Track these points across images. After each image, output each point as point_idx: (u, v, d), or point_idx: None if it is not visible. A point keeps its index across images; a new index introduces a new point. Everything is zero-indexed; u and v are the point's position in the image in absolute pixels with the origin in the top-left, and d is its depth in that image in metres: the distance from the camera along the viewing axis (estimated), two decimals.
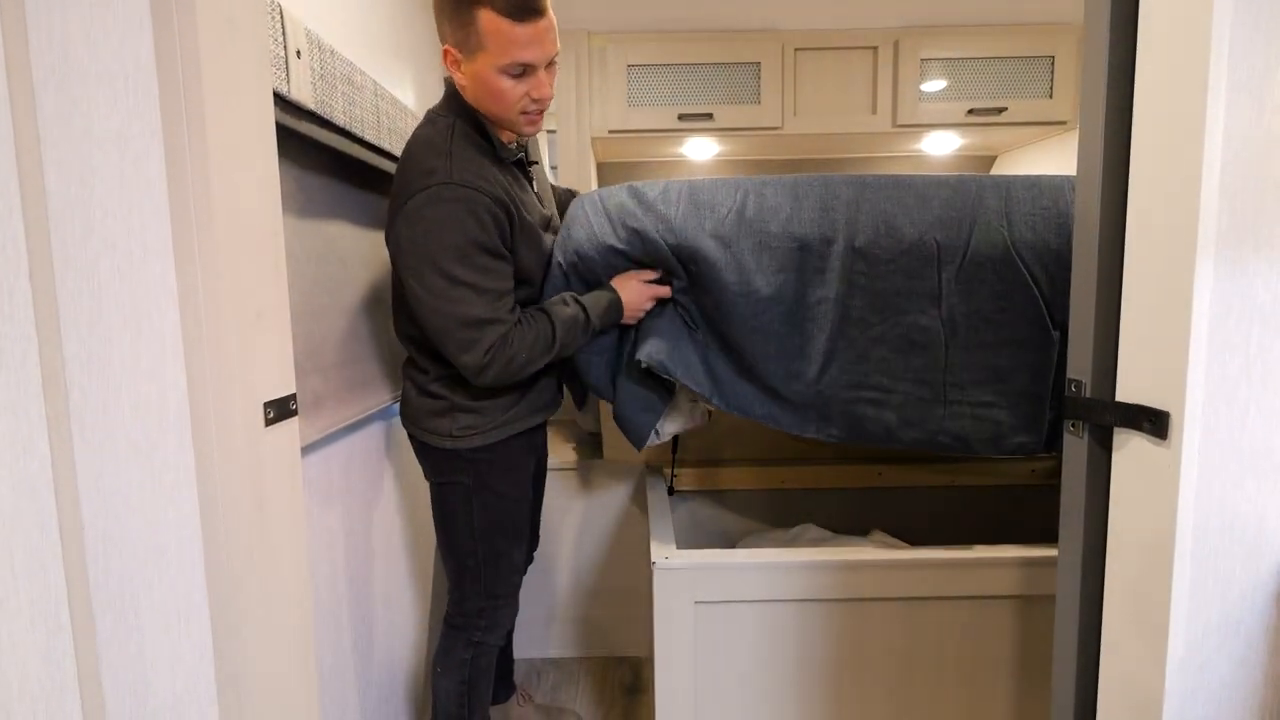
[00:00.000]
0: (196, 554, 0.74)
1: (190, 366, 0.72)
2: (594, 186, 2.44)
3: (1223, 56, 0.61)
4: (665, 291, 1.34)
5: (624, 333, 1.40)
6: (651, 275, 1.34)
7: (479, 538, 1.36)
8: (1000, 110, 2.21)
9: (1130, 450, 0.72)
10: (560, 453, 2.03)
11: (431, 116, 1.20)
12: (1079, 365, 0.79)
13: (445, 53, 1.14)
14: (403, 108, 1.49)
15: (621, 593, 2.07)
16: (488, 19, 1.05)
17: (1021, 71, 2.22)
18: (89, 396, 0.71)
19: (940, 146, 2.53)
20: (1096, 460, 0.78)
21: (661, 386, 1.45)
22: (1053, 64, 2.21)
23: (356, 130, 1.23)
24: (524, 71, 1.11)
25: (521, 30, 1.06)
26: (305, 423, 1.16)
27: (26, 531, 0.69)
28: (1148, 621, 0.69)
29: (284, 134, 1.02)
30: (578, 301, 1.26)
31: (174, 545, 0.73)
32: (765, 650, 1.38)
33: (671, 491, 1.84)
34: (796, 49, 2.20)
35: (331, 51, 1.14)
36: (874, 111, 2.24)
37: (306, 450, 1.16)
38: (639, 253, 1.32)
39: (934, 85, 2.22)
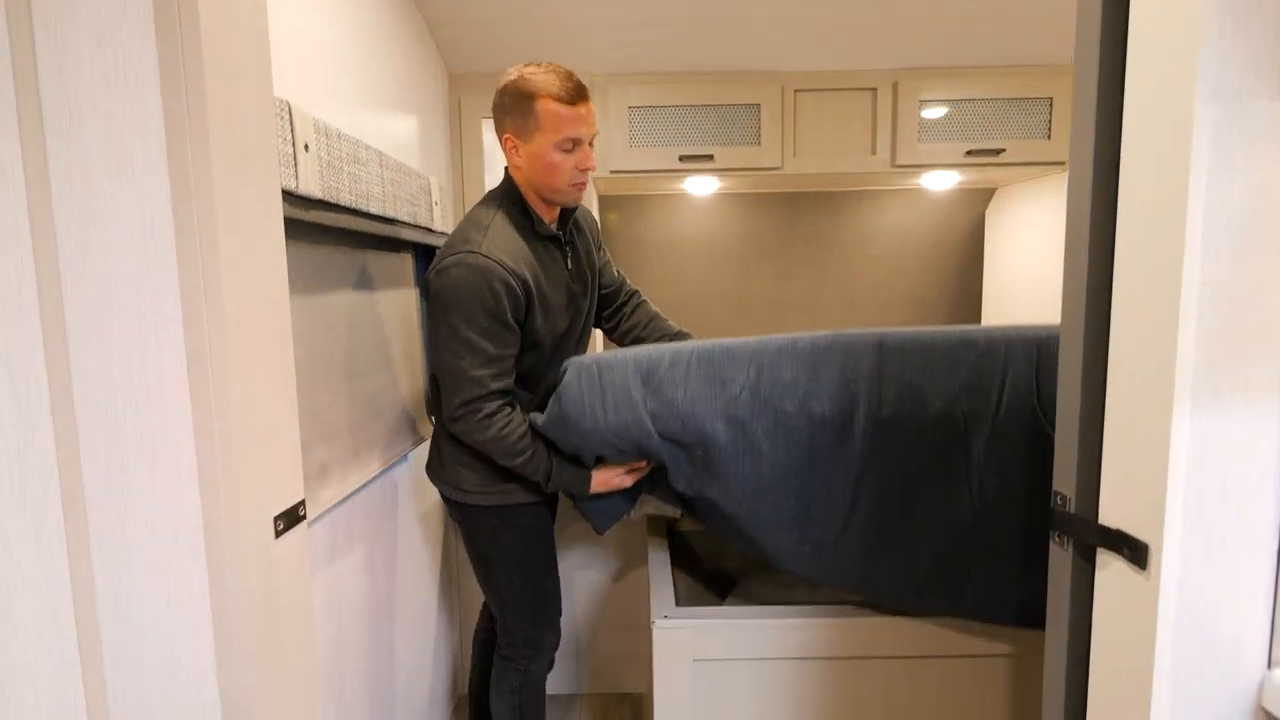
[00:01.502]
0: (209, 665, 0.77)
1: (204, 489, 0.75)
2: (595, 214, 2.45)
3: (1199, 212, 0.63)
4: (640, 473, 1.41)
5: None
6: (637, 466, 1.40)
7: (513, 570, 1.48)
8: (998, 151, 2.23)
9: (1112, 571, 0.74)
10: None
11: (485, 198, 1.40)
12: (1064, 478, 0.81)
13: (505, 140, 1.34)
14: (408, 171, 1.52)
15: (622, 628, 2.09)
16: (545, 106, 1.27)
17: (1019, 113, 2.24)
18: (107, 520, 0.74)
19: (939, 183, 2.55)
20: (1080, 573, 0.80)
21: (625, 501, 1.47)
22: (1051, 105, 2.23)
23: (362, 206, 1.26)
24: (573, 146, 1.30)
25: (572, 111, 1.28)
26: (311, 496, 1.19)
27: (48, 651, 0.72)
28: None
29: (291, 220, 1.04)
30: (553, 466, 1.36)
31: (188, 657, 0.76)
32: (764, 708, 1.41)
33: (672, 531, 1.86)
34: (796, 90, 2.22)
35: (338, 135, 1.16)
36: (873, 152, 2.26)
37: (313, 521, 1.18)
38: (627, 445, 1.30)
39: (933, 127, 2.24)
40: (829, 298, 2.86)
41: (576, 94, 1.28)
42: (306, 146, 1.04)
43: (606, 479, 1.39)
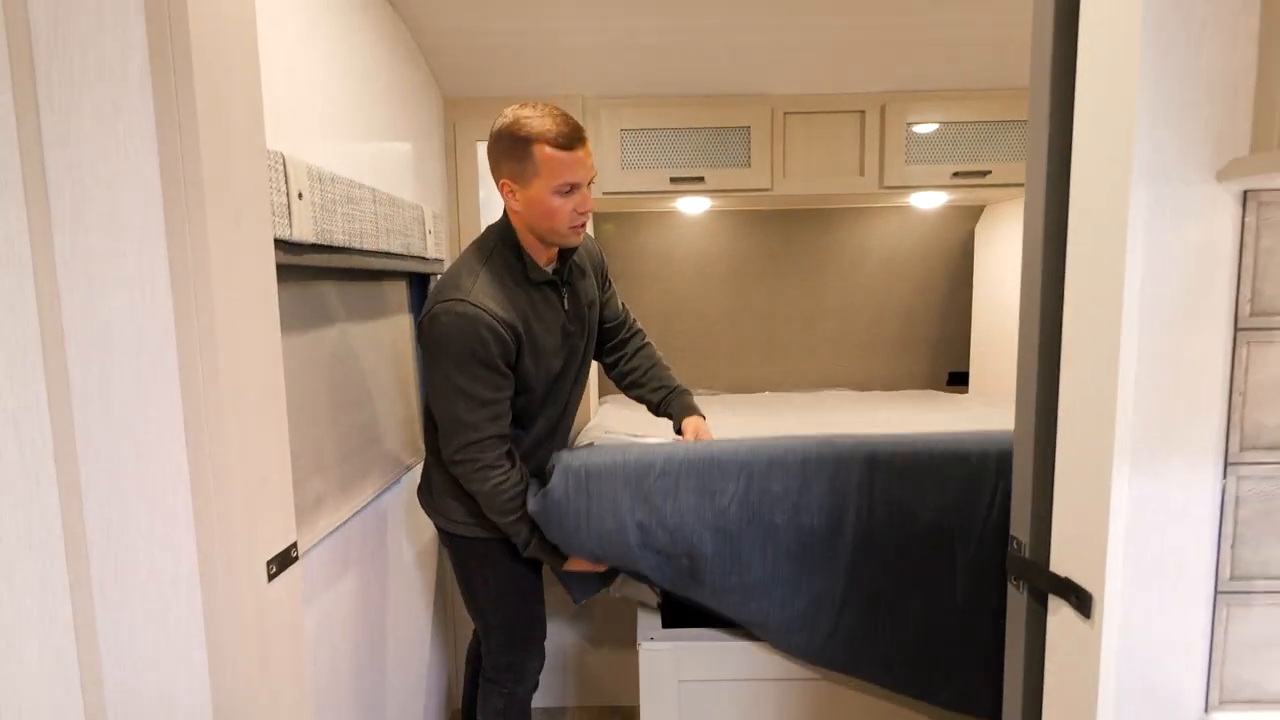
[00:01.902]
0: (205, 702, 0.81)
1: (200, 534, 0.79)
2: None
3: (1135, 288, 0.67)
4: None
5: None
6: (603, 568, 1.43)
7: (496, 599, 1.51)
8: (985, 173, 2.27)
9: (1062, 617, 0.78)
10: None
11: (480, 239, 1.41)
12: (1020, 525, 0.85)
13: (502, 185, 1.33)
14: (401, 204, 1.55)
15: (614, 639, 2.13)
16: (542, 151, 1.26)
17: (1006, 135, 2.27)
18: (108, 565, 0.78)
19: (928, 201, 2.58)
20: (1035, 616, 0.84)
21: (601, 579, 1.50)
22: None
23: (355, 244, 1.30)
24: (571, 190, 1.30)
25: (570, 156, 1.27)
26: (306, 525, 1.23)
27: (52, 688, 0.76)
28: None
29: (285, 265, 1.08)
30: (532, 539, 1.38)
31: (185, 697, 0.80)
32: None
33: None
34: (786, 113, 2.26)
35: (332, 178, 1.20)
36: (861, 173, 2.29)
37: (308, 550, 1.22)
38: (607, 553, 1.32)
39: (920, 149, 2.28)
40: (821, 312, 2.90)
41: (574, 137, 1.27)
42: (300, 194, 1.08)
43: (575, 562, 1.42)
